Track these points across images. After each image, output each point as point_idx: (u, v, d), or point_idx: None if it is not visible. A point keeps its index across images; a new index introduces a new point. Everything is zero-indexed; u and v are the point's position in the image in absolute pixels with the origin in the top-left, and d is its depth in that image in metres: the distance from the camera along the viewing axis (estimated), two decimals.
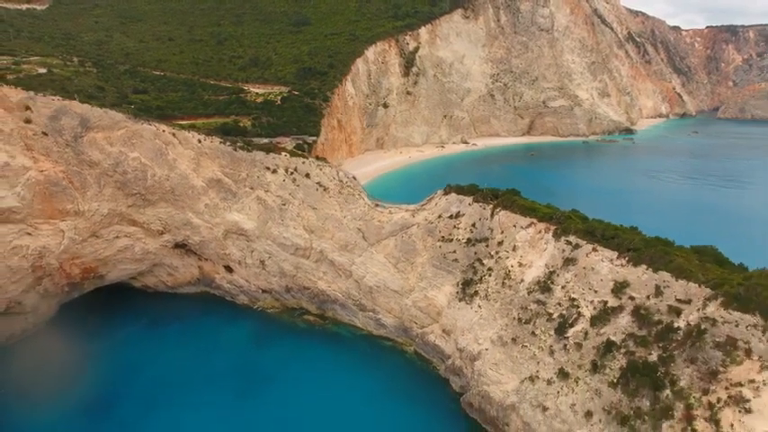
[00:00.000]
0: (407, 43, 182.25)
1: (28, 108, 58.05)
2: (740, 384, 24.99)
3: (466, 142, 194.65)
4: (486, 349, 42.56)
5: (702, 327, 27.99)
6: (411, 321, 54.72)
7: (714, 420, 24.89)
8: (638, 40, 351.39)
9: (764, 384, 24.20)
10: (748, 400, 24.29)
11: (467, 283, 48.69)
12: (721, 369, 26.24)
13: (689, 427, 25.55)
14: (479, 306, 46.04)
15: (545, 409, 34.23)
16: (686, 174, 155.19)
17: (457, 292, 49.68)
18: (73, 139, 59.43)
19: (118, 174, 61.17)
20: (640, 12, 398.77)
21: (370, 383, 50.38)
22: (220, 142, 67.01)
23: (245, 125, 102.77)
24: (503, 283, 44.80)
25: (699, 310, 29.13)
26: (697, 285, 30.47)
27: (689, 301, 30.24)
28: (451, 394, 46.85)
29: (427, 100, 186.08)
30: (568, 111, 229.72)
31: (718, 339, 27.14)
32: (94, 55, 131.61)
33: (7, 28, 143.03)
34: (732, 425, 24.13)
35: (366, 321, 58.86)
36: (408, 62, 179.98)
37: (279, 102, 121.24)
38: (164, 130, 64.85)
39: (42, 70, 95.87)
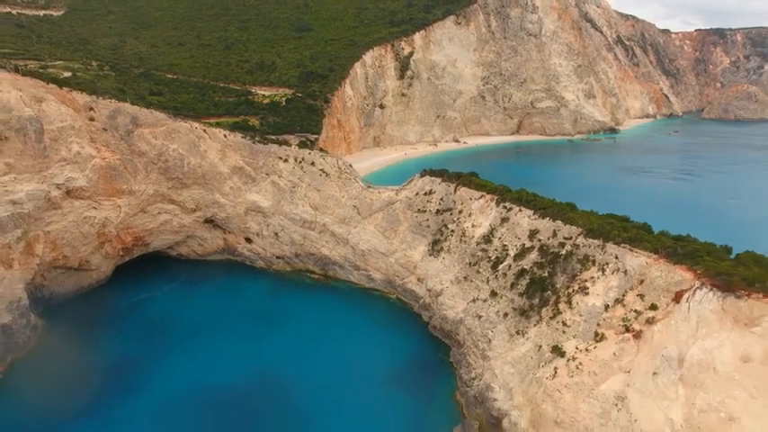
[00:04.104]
0: (403, 48, 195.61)
1: (91, 109, 73.13)
2: (585, 281, 40.04)
3: (457, 141, 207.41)
4: (447, 287, 57.85)
5: (572, 251, 43.17)
6: (394, 275, 70.08)
7: (568, 302, 39.99)
8: (626, 43, 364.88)
9: (597, 279, 39.25)
10: (588, 288, 39.33)
11: (435, 243, 64.05)
12: (578, 274, 41.34)
13: (556, 308, 40.70)
14: (443, 258, 61.37)
15: (480, 317, 49.27)
16: (651, 167, 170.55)
17: (428, 250, 65.05)
18: (126, 133, 74.46)
19: (161, 162, 76.17)
20: (631, 15, 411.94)
21: (361, 321, 65.79)
22: (242, 137, 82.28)
23: (253, 124, 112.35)
24: (460, 239, 60.06)
25: (573, 242, 44.25)
26: (576, 228, 45.56)
27: (570, 238, 45.23)
28: (422, 323, 62.47)
29: (421, 101, 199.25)
30: (555, 111, 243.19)
31: (579, 257, 42.29)
32: (111, 59, 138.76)
33: (29, 34, 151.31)
34: (577, 303, 39.20)
35: (359, 277, 74.25)
36: (403, 66, 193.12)
37: (284, 103, 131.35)
38: (196, 127, 79.99)
39: (67, 74, 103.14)
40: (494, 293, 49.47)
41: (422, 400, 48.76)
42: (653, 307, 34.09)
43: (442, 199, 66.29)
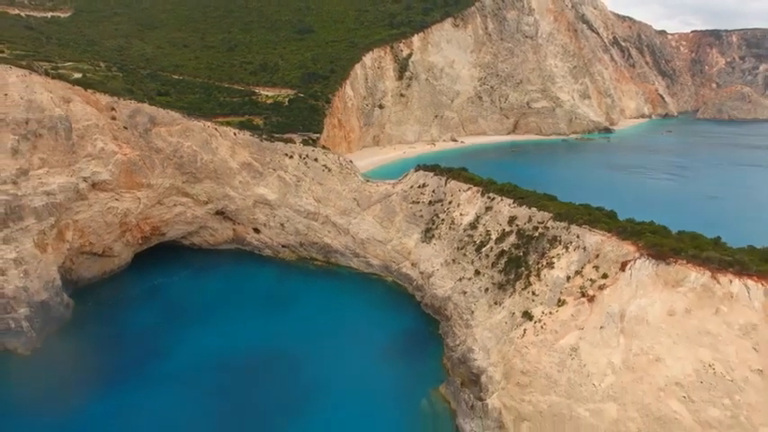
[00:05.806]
0: (401, 50, 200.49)
1: (113, 108, 79.69)
2: (552, 257, 46.61)
3: (455, 140, 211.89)
4: (437, 269, 64.50)
5: (543, 233, 49.78)
6: (391, 261, 76.79)
7: (538, 275, 46.60)
8: (623, 44, 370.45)
9: (562, 255, 45.81)
10: (554, 263, 45.90)
11: (428, 230, 70.76)
12: (547, 252, 47.93)
13: (527, 281, 47.31)
14: (435, 244, 68.05)
15: (465, 293, 55.88)
16: (639, 166, 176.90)
17: (421, 237, 71.73)
18: (144, 131, 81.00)
19: (176, 158, 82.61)
20: (627, 17, 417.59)
21: (360, 302, 72.49)
22: (250, 135, 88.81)
23: (257, 124, 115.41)
24: (450, 227, 66.70)
25: (544, 225, 50.83)
26: (548, 213, 52.16)
27: (543, 222, 51.83)
28: (415, 303, 69.26)
29: (419, 101, 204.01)
30: (550, 111, 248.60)
31: (548, 238, 48.91)
32: (118, 60, 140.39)
33: (38, 35, 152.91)
34: (545, 275, 45.77)
35: (359, 264, 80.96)
36: (402, 67, 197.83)
37: (286, 103, 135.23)
38: (208, 126, 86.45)
39: (78, 75, 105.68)
40: (477, 272, 56.07)
41: (413, 365, 55.48)
42: (604, 276, 40.60)
43: (434, 191, 72.95)
